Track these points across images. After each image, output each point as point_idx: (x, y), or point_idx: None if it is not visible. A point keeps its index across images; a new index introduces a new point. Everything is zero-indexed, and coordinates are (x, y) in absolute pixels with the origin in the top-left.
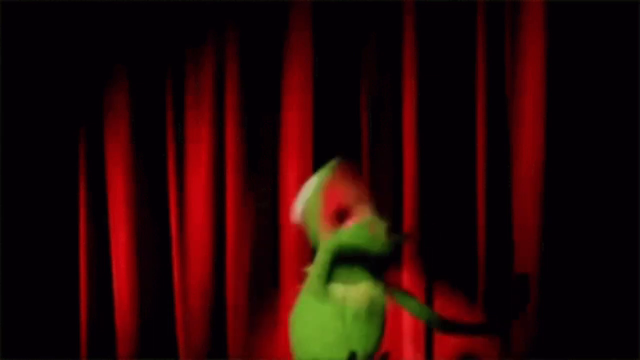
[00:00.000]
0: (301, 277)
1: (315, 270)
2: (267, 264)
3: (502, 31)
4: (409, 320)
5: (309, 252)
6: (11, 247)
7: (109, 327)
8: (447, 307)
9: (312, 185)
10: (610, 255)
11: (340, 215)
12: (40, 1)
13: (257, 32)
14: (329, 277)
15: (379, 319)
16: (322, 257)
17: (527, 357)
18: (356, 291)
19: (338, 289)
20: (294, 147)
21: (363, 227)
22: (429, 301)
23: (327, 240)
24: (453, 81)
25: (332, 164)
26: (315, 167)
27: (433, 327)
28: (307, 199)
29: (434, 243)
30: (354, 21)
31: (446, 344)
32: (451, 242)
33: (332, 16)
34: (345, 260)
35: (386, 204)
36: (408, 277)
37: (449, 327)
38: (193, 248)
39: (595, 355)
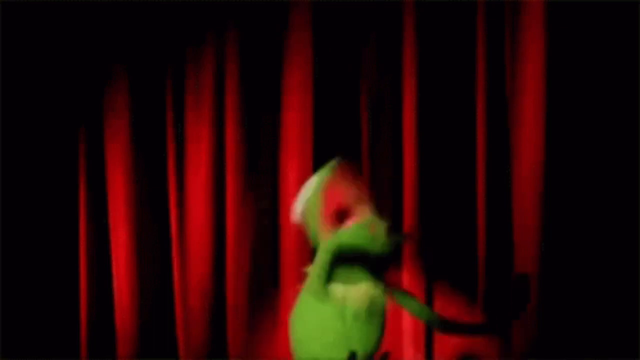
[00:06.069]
0: (301, 277)
1: (315, 270)
2: (267, 264)
3: (502, 31)
4: (408, 320)
5: (309, 252)
6: (11, 247)
7: (109, 327)
8: (447, 307)
9: (312, 185)
10: (610, 255)
11: (340, 215)
12: (40, 1)
13: (257, 32)
14: (329, 277)
15: (379, 319)
16: (322, 257)
17: (527, 357)
18: (356, 291)
19: (338, 288)
20: (294, 147)
21: (363, 227)
22: (429, 301)
23: (327, 240)
24: (453, 81)
25: (332, 163)
26: (316, 167)
27: (433, 327)
28: (307, 198)
29: (434, 243)
30: (354, 21)
31: (446, 344)
32: (451, 242)
33: (332, 16)
34: (346, 260)
35: (386, 204)
36: (408, 277)
37: (449, 327)
38: (193, 248)
39: (595, 355)
